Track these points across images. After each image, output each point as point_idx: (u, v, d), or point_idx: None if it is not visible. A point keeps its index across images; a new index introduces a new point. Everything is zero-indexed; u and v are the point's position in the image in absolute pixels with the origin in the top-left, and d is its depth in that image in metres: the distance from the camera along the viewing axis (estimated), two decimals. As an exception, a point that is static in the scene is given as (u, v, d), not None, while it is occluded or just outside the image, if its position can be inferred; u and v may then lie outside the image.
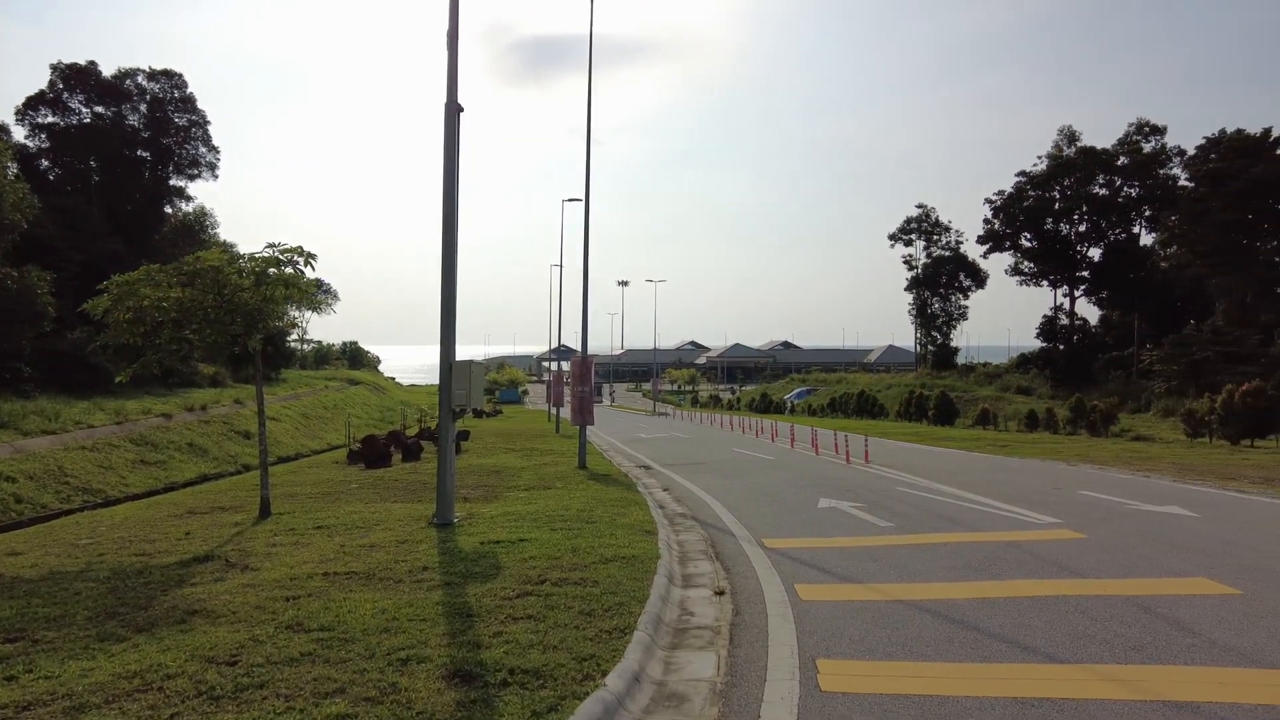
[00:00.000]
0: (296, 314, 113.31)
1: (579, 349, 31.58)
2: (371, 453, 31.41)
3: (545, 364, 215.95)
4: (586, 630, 10.63)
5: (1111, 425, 55.86)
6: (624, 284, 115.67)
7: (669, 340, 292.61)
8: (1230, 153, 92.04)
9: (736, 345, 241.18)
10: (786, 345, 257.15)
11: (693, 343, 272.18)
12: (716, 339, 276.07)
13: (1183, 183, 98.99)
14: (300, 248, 18.46)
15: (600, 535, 16.22)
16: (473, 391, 17.23)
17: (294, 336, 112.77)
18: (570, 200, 51.15)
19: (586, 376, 30.24)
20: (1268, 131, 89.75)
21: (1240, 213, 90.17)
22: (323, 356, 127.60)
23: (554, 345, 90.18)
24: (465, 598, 11.92)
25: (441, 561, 14.07)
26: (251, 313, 18.37)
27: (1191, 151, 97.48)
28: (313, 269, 18.62)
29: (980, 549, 15.81)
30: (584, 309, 32.46)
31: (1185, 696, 9.00)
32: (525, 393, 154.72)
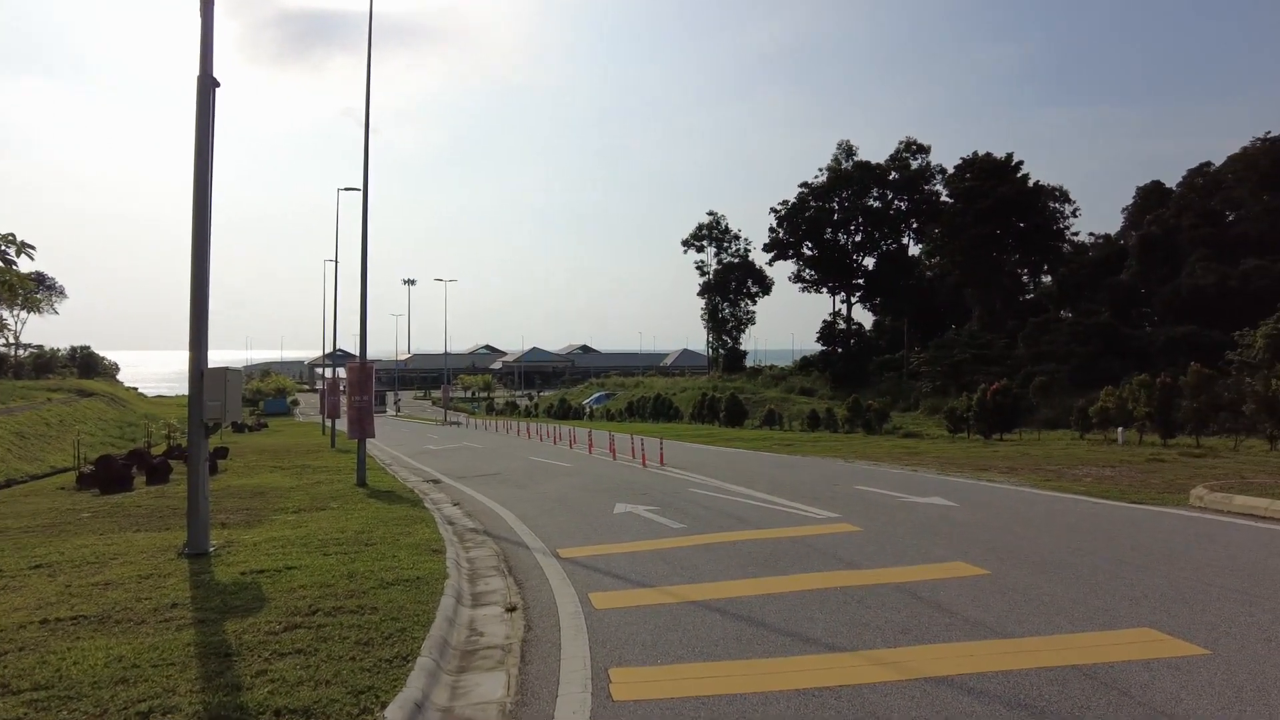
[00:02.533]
0: (6, 314, 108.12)
1: (357, 353, 29.48)
2: (108, 475, 28.65)
3: (319, 370, 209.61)
4: (364, 661, 10.15)
5: (885, 423, 60.81)
6: (410, 283, 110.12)
7: (461, 344, 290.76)
8: (981, 173, 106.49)
9: (534, 349, 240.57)
10: (585, 349, 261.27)
11: (488, 347, 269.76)
12: (513, 343, 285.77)
13: (944, 198, 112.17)
14: (11, 235, 16.44)
15: (381, 558, 15.54)
16: (229, 402, 16.06)
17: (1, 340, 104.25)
18: (346, 189, 47.91)
19: (366, 384, 28.80)
20: (1010, 156, 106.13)
21: (989, 228, 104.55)
22: (44, 364, 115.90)
23: (328, 349, 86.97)
24: (223, 635, 11.13)
25: (194, 596, 13.06)
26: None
27: (950, 170, 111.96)
28: (30, 258, 16.71)
29: (766, 545, 16.73)
30: (362, 308, 29.46)
31: (943, 671, 9.99)
32: (295, 403, 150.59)
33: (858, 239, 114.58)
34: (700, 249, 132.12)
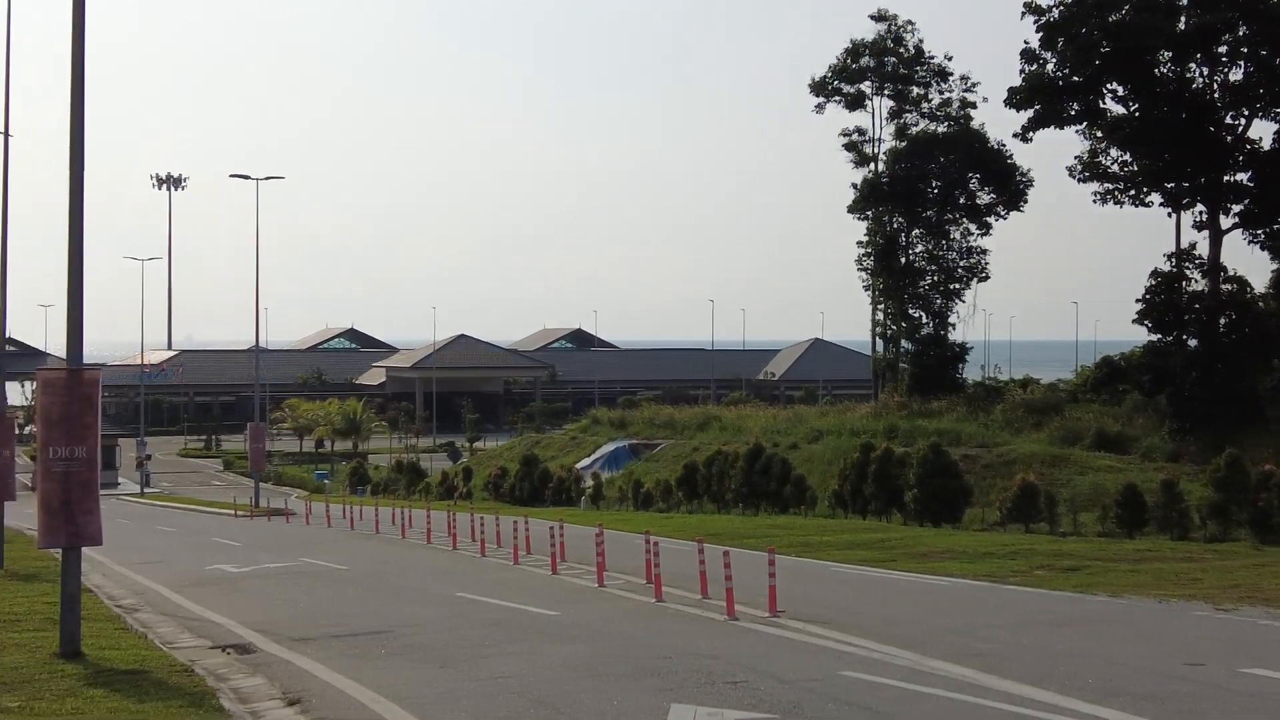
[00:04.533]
0: None
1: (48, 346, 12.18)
2: None
3: None
4: None
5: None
6: (174, 182, 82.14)
7: (297, 328, 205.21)
8: None
9: (459, 339, 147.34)
10: (581, 341, 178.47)
11: (350, 333, 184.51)
12: (414, 326, 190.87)
13: None
14: None
15: None
16: None
17: None
18: None
19: (82, 430, 17.67)
20: None
21: None
22: None
23: None
24: None
25: None
26: None
27: None
28: None
29: None
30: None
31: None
32: None
33: (1237, 78, 56.60)
34: (853, 100, 71.49)
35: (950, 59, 70.91)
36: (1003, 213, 67.17)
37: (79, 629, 17.98)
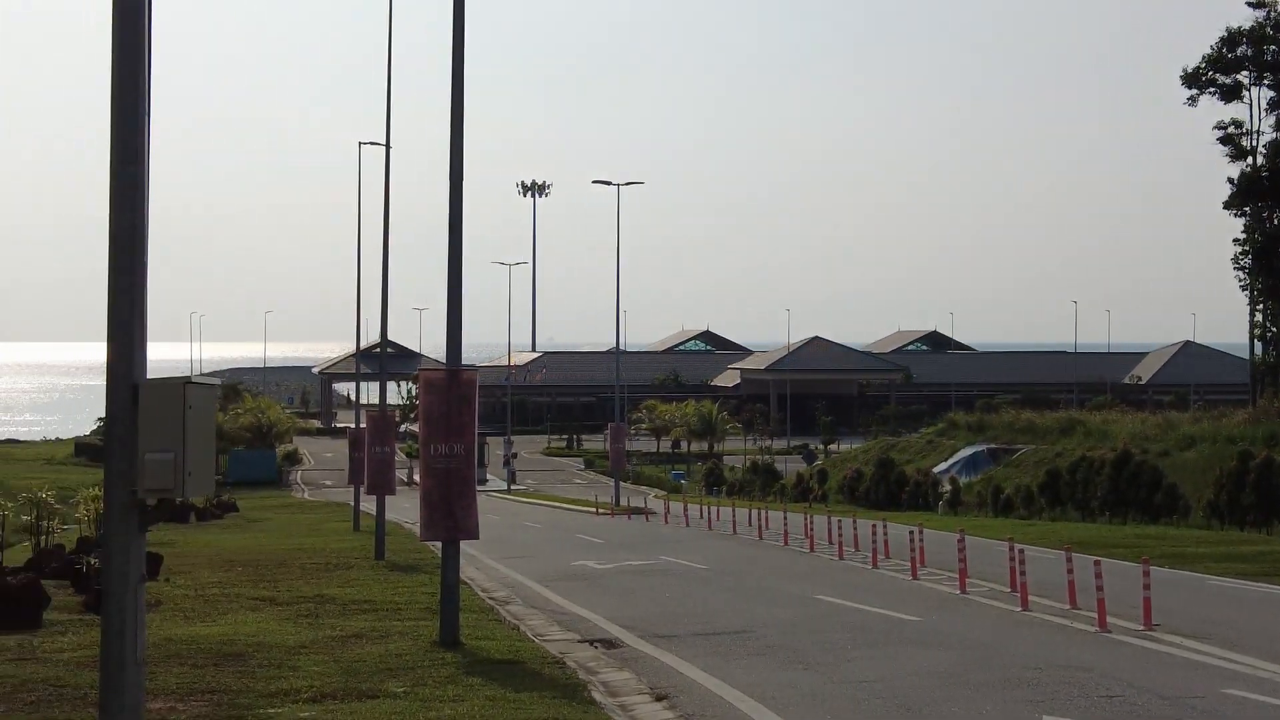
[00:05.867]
0: None
1: (429, 350, 15.34)
2: None
3: (344, 391, 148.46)
4: None
5: None
6: (538, 189, 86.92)
7: (650, 329, 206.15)
8: None
9: (813, 341, 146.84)
10: (935, 344, 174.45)
11: (705, 335, 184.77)
12: (767, 328, 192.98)
13: None
14: None
15: None
16: (192, 457, 9.54)
17: None
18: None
19: (460, 428, 18.72)
20: None
21: None
22: None
23: (365, 345, 61.75)
24: None
25: None
26: None
27: None
28: None
29: None
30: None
31: None
32: (295, 459, 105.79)
33: None
34: (1229, 91, 69.74)
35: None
36: None
37: (458, 619, 18.78)
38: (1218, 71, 67.27)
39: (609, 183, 73.21)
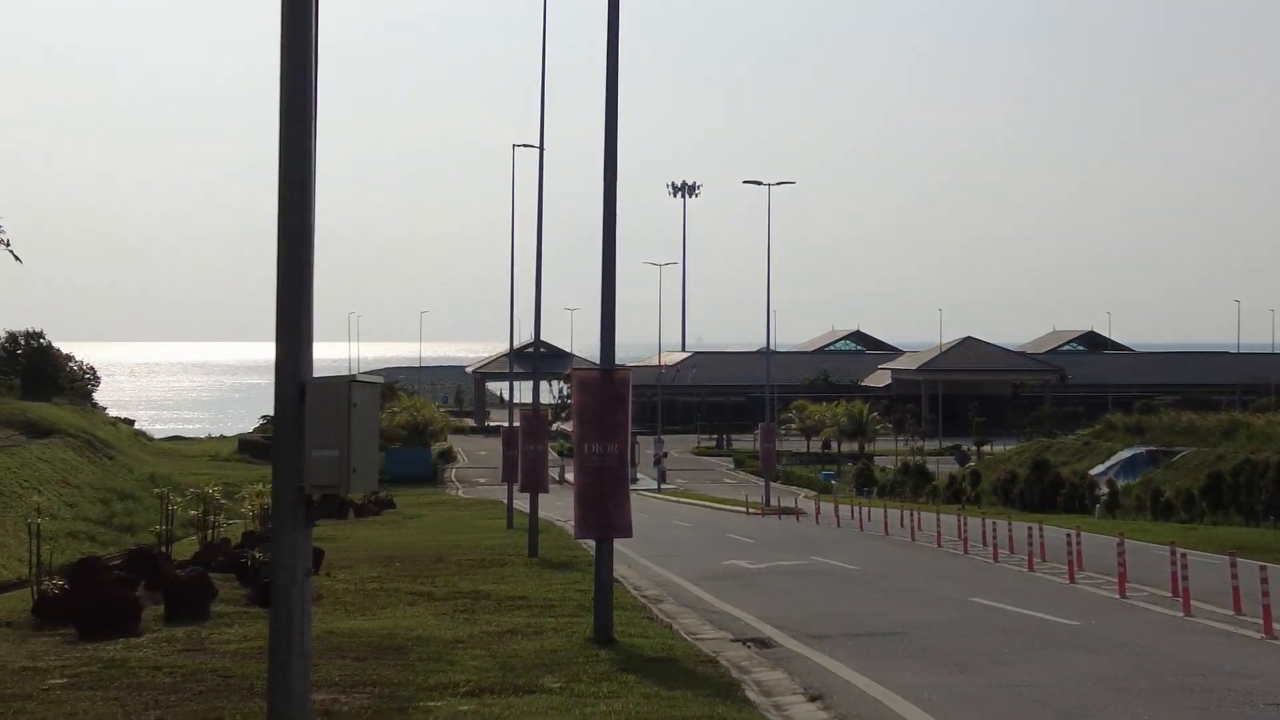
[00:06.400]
0: None
1: (582, 350, 15.89)
2: (94, 603, 19.00)
3: (497, 389, 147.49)
4: None
5: None
6: (688, 190, 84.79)
7: (799, 329, 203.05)
8: None
9: (965, 341, 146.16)
10: (1091, 344, 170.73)
11: (855, 335, 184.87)
12: (918, 328, 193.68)
13: None
14: None
15: None
16: (357, 454, 9.76)
17: None
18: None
19: (613, 427, 18.55)
20: None
21: None
22: None
23: (518, 344, 61.61)
24: None
25: None
26: None
27: None
28: None
29: None
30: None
31: None
32: (448, 456, 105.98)
33: None
34: None
35: None
36: None
37: (611, 617, 18.64)
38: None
39: (760, 182, 72.82)
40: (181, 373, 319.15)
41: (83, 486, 56.05)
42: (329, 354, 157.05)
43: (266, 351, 9.91)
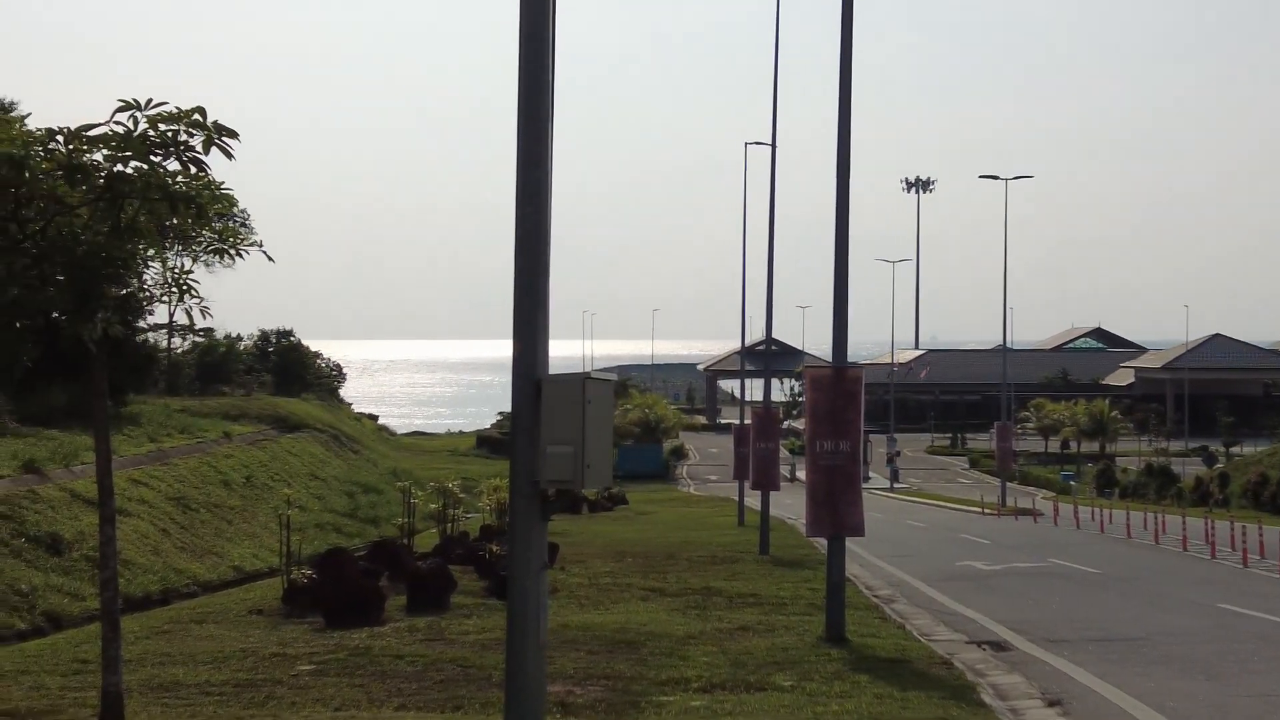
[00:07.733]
0: (178, 263, 46.30)
1: (812, 348, 15.81)
2: (341, 593, 19.67)
3: (728, 387, 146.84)
4: None
5: None
6: (922, 185, 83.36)
7: (1037, 326, 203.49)
8: None
9: (1213, 339, 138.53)
10: None
11: (1097, 332, 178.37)
12: (1163, 326, 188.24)
13: None
14: (198, 111, 10.31)
15: None
16: (592, 450, 9.82)
17: (152, 321, 66.82)
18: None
19: (845, 425, 18.59)
20: None
21: None
22: (211, 366, 75.10)
23: (750, 342, 62.06)
24: None
25: None
26: (93, 262, 10.71)
27: None
28: (228, 154, 10.48)
29: None
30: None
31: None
32: (681, 453, 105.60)
33: None
34: None
35: None
36: None
37: (843, 616, 18.49)
38: None
39: (997, 177, 71.39)
40: (419, 370, 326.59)
41: (329, 480, 57.79)
42: (563, 351, 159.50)
43: (495, 350, 9.88)
